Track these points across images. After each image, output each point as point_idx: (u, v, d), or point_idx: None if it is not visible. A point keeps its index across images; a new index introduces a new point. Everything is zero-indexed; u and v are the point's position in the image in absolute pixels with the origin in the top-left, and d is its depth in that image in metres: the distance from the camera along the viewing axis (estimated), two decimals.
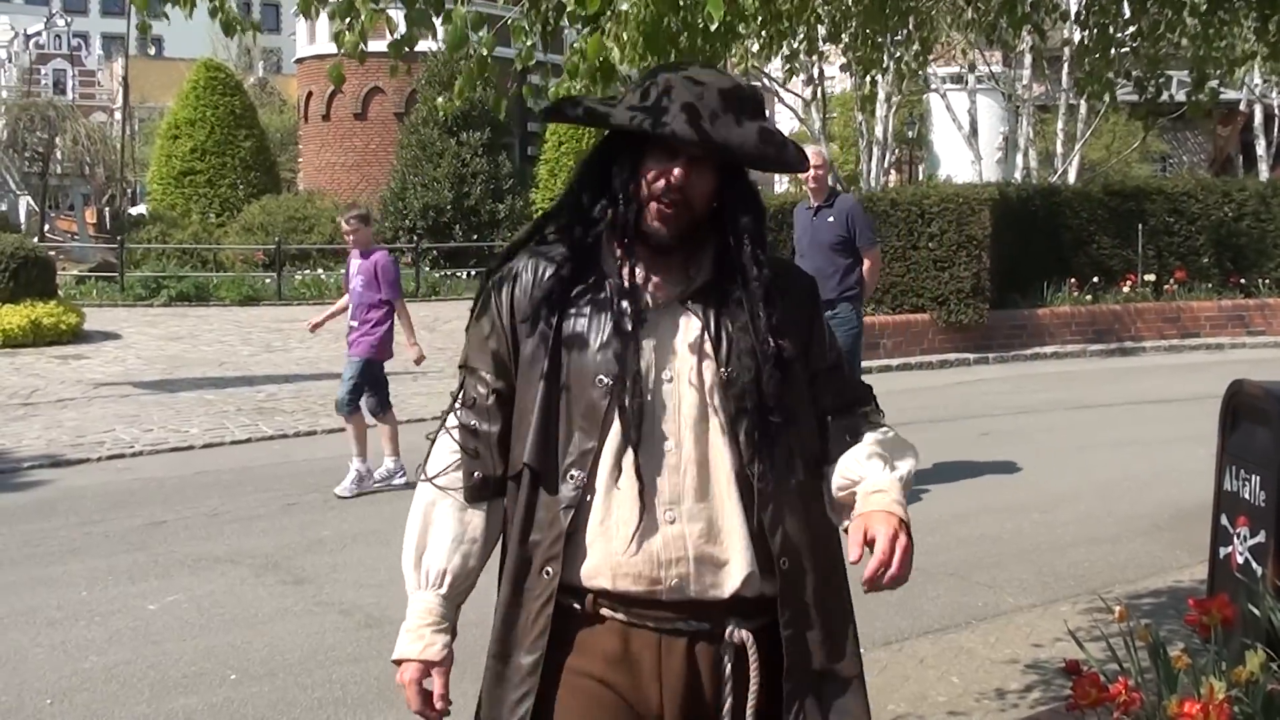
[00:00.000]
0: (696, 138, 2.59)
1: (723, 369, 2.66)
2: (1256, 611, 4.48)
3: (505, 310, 2.76)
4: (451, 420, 2.81)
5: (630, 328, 2.64)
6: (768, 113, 2.79)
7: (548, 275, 2.72)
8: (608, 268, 2.71)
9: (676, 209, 2.65)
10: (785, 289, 2.76)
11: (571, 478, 2.64)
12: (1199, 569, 6.54)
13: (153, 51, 68.02)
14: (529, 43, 4.43)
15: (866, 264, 10.21)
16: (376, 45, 4.60)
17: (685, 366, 2.67)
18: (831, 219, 10.13)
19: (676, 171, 2.63)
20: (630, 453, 2.60)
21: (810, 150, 9.60)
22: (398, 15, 4.46)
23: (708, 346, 2.67)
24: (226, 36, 4.72)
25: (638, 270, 2.70)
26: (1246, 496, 5.19)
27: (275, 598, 7.73)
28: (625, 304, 2.65)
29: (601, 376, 2.63)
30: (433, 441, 2.82)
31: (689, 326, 2.69)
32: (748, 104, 2.68)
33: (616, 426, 2.63)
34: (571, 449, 2.65)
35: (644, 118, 2.62)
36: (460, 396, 2.82)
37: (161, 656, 6.72)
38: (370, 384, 10.39)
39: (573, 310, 2.70)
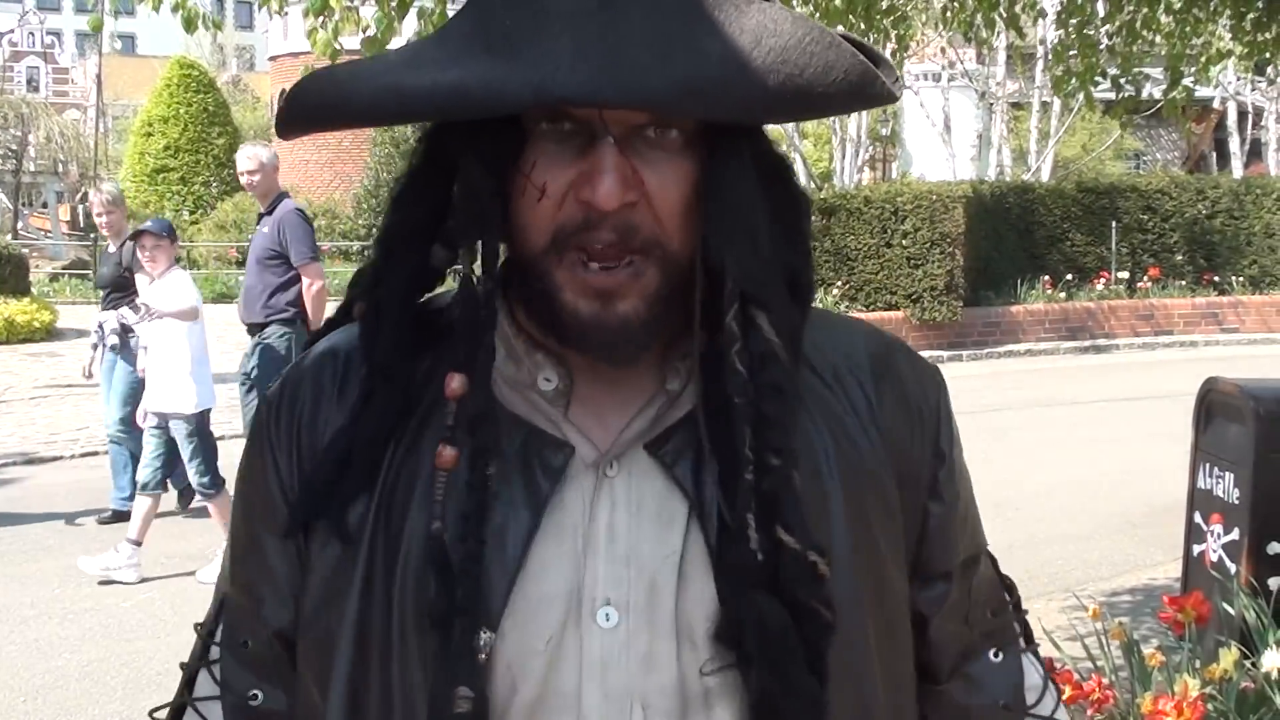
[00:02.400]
0: (618, 91, 1.11)
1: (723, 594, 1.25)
2: (1230, 609, 4.51)
3: (282, 472, 1.36)
4: (204, 685, 1.46)
5: (530, 519, 1.24)
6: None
7: (356, 405, 1.31)
8: (499, 379, 1.29)
9: (635, 265, 1.21)
10: (879, 395, 1.41)
11: None
12: (1173, 566, 6.56)
13: (119, 45, 67.54)
14: None
15: (306, 283, 8.62)
16: (349, 42, 4.60)
17: (649, 595, 1.25)
18: (266, 229, 8.73)
19: (606, 182, 1.16)
20: None
21: (246, 152, 8.96)
22: (368, 13, 4.45)
23: (696, 547, 1.26)
24: (187, 33, 4.68)
25: (548, 380, 1.30)
26: (1220, 494, 5.21)
27: None
28: (529, 468, 1.26)
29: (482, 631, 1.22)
30: None
31: (662, 505, 1.27)
32: None
33: None
34: None
35: (490, 77, 1.14)
36: (219, 636, 1.49)
37: (135, 654, 6.69)
38: None
39: (411, 477, 1.28)
